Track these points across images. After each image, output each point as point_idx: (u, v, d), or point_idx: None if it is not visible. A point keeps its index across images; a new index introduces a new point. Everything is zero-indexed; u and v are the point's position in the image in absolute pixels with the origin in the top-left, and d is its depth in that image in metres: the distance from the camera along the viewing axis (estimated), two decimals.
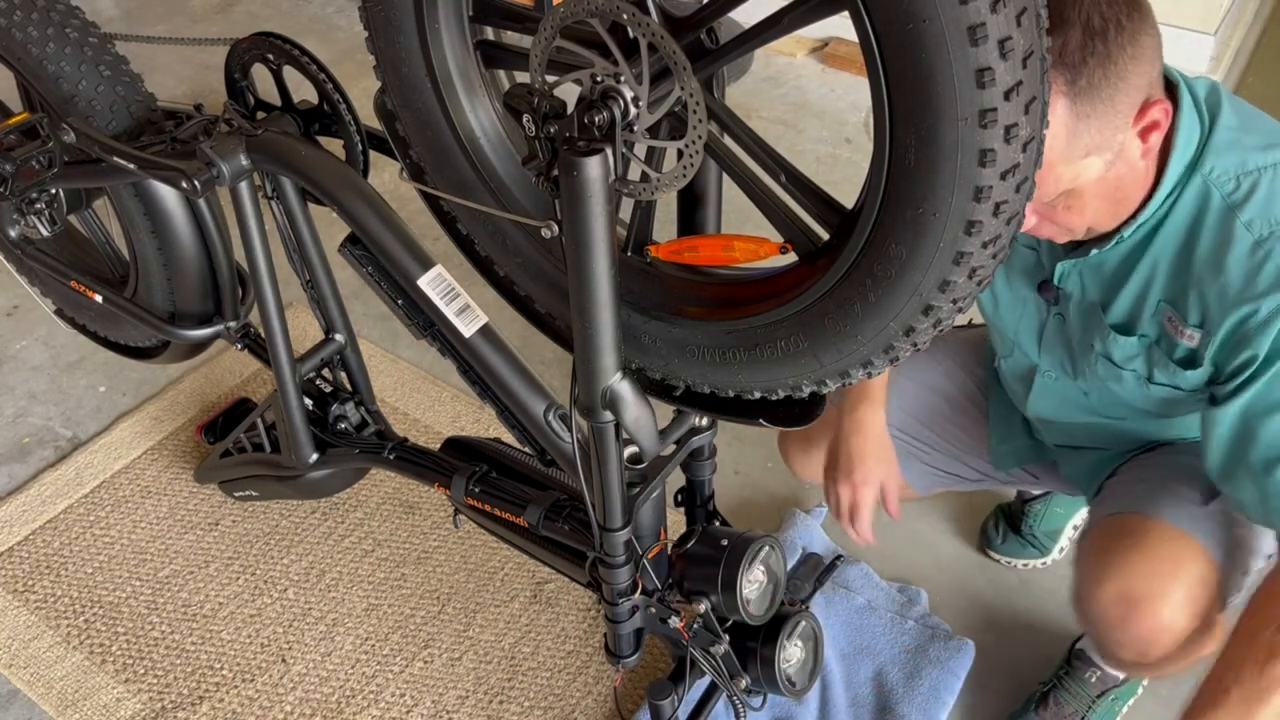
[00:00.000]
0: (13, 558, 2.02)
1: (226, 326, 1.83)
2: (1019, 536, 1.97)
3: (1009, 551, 1.99)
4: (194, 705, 1.80)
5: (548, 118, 1.01)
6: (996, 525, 2.01)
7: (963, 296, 1.00)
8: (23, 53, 1.56)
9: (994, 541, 2.00)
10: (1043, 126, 0.89)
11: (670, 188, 1.10)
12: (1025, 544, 1.97)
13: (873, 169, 0.93)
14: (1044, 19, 0.85)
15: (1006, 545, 1.99)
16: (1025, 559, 1.98)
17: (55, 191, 1.77)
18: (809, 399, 1.19)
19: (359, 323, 2.29)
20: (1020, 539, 1.97)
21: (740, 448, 2.22)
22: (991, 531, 2.01)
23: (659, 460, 1.41)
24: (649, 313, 1.22)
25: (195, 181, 1.37)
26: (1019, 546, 1.98)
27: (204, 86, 3.53)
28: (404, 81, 1.23)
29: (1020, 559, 1.98)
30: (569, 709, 1.78)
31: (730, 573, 1.41)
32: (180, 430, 2.27)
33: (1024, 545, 1.97)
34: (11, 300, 2.64)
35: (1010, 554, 1.99)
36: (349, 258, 1.45)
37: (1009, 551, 1.99)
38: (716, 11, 1.00)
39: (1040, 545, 1.96)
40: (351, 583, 1.98)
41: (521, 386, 1.38)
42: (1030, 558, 1.98)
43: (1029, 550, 1.97)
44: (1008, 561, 1.99)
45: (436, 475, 1.63)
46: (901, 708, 1.73)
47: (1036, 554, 1.97)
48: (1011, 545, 1.98)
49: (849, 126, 3.27)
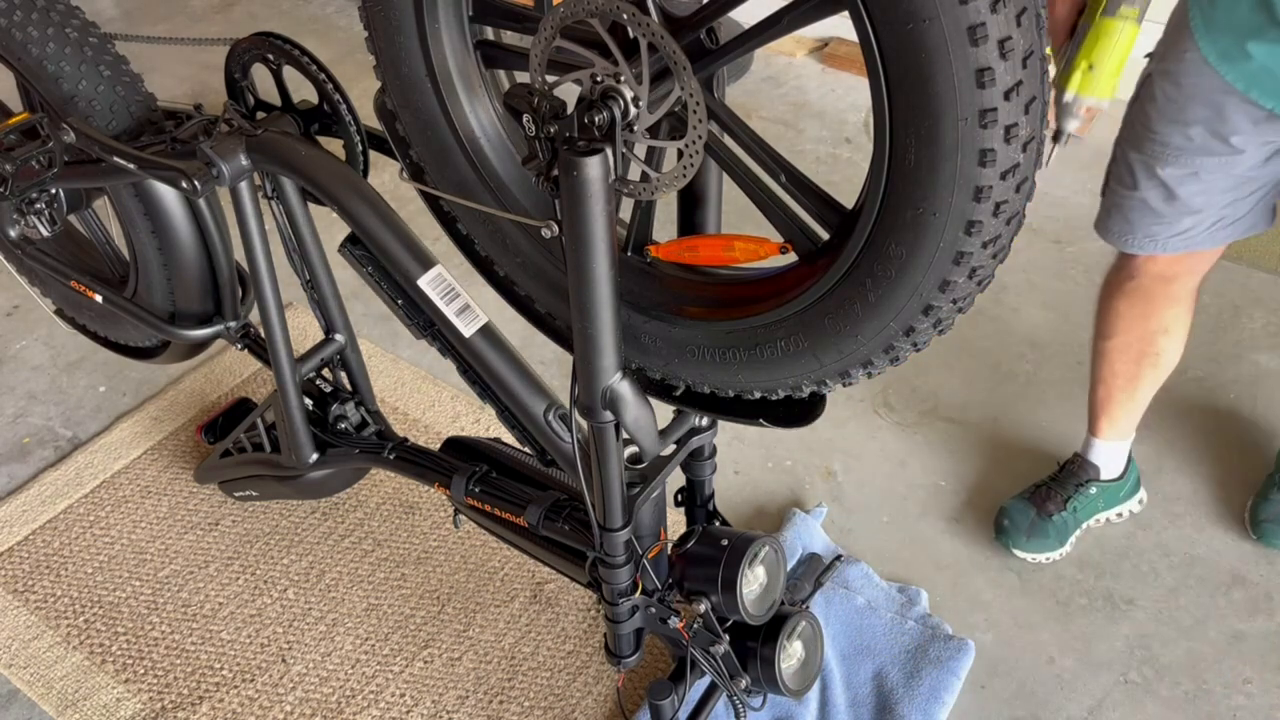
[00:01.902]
0: (13, 558, 2.02)
1: (226, 326, 1.83)
2: (1045, 520, 1.97)
3: (1030, 546, 1.97)
4: (194, 705, 1.80)
5: (548, 118, 1.01)
6: (1017, 515, 1.99)
7: (963, 296, 1.00)
8: (23, 53, 1.56)
9: (1014, 536, 1.98)
10: (1043, 126, 0.89)
11: (670, 188, 1.10)
12: (1048, 534, 1.97)
13: (873, 169, 0.94)
14: (1044, 19, 0.85)
15: (1029, 541, 1.97)
16: (1042, 552, 1.97)
17: (55, 191, 1.77)
18: (809, 399, 1.19)
19: (359, 323, 2.29)
20: (1047, 524, 1.96)
21: (740, 448, 2.22)
22: (1010, 523, 1.99)
23: (659, 460, 1.41)
24: (649, 313, 1.22)
25: (195, 181, 1.37)
26: (1041, 538, 1.97)
27: (204, 86, 3.53)
28: (404, 81, 1.23)
29: (1041, 553, 1.97)
30: (569, 709, 1.78)
31: (730, 573, 1.41)
32: (180, 430, 2.27)
33: (1045, 535, 1.97)
34: (11, 300, 2.64)
35: (1029, 548, 1.97)
36: (349, 258, 1.45)
37: (1030, 546, 1.97)
38: (716, 11, 1.00)
39: (1061, 534, 1.97)
40: (351, 583, 1.98)
41: (521, 386, 1.38)
42: (1047, 550, 1.97)
43: (1049, 543, 1.97)
44: (1022, 555, 1.98)
45: (436, 475, 1.63)
46: (901, 708, 1.73)
47: (1055, 546, 1.97)
48: (1035, 539, 1.97)
49: (849, 126, 3.27)
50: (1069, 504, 1.98)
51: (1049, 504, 1.98)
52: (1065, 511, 1.98)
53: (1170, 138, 1.55)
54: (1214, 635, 1.86)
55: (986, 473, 2.16)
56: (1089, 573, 1.97)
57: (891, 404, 2.33)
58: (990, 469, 2.17)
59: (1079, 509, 1.99)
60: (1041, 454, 2.16)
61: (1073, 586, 1.95)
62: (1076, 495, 1.99)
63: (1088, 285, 2.62)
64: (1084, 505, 1.99)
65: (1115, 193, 1.68)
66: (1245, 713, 1.76)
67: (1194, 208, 1.60)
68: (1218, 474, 2.13)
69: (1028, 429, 2.25)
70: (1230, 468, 2.14)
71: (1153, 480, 2.13)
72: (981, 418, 2.28)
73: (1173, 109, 1.53)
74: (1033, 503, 2.00)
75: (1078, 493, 1.99)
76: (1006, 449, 2.21)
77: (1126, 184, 1.65)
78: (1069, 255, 2.72)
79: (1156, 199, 1.61)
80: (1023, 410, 2.30)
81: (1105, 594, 1.93)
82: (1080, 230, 2.80)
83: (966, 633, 1.86)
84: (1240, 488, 2.09)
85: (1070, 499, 1.98)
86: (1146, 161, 1.60)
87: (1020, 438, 2.23)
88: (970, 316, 2.46)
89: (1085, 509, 2.00)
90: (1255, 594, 1.93)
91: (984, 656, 1.84)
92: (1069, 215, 2.85)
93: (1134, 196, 1.64)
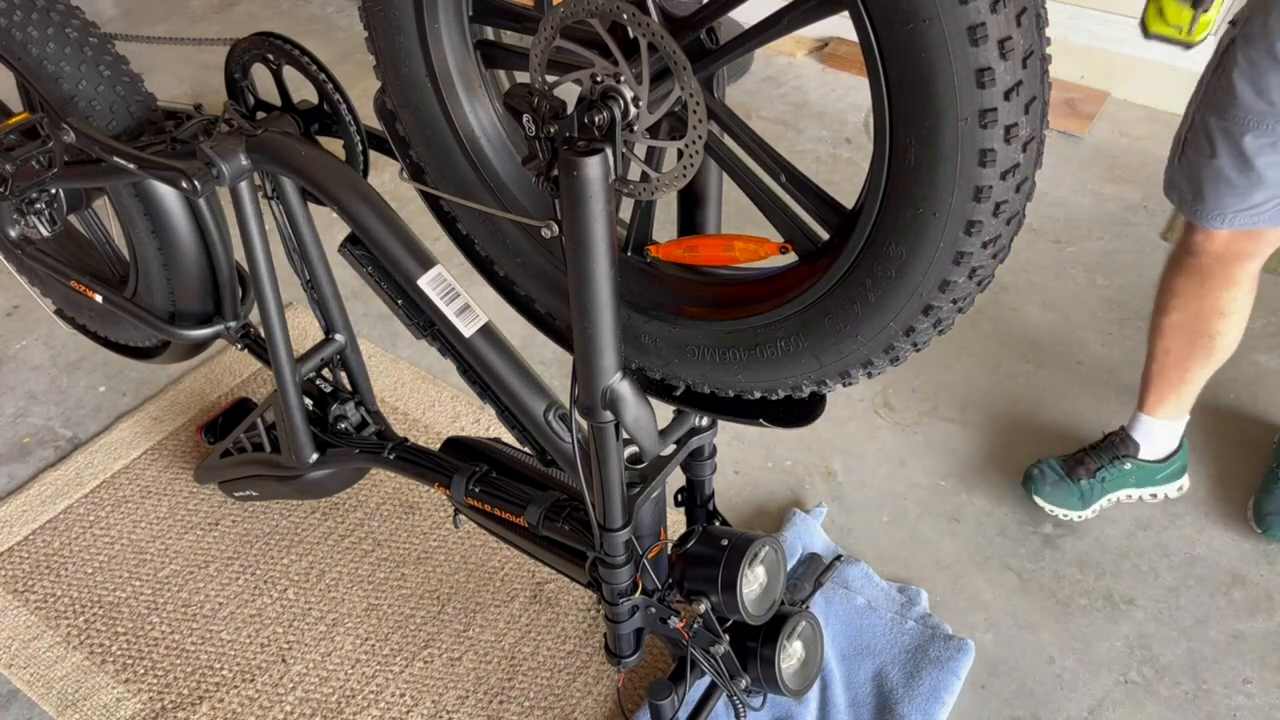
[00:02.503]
0: (13, 558, 2.02)
1: (226, 326, 1.83)
2: (1073, 483, 2.00)
3: (1052, 497, 2.01)
4: (194, 705, 1.80)
5: (548, 118, 1.01)
6: (1048, 469, 2.03)
7: (963, 296, 1.00)
8: (23, 53, 1.56)
9: (1039, 484, 2.03)
10: (1043, 126, 0.89)
11: (670, 188, 1.10)
12: (1072, 493, 2.00)
13: (873, 169, 0.94)
14: (1044, 18, 0.85)
15: (1053, 491, 2.01)
16: (1065, 508, 2.01)
17: (55, 191, 1.77)
18: (809, 399, 1.19)
19: (359, 323, 2.29)
20: (1072, 486, 2.00)
21: (740, 448, 2.22)
22: (1040, 473, 2.04)
23: (659, 460, 1.41)
24: (649, 313, 1.22)
25: (195, 181, 1.37)
26: (1065, 494, 2.01)
27: (204, 86, 3.53)
28: (404, 81, 1.23)
29: (1061, 507, 2.01)
30: (569, 709, 1.78)
31: (730, 573, 1.41)
32: (180, 430, 2.27)
33: (1070, 494, 2.01)
34: (11, 300, 2.64)
35: (1053, 500, 2.01)
36: (349, 258, 1.45)
37: (1052, 497, 2.01)
38: (716, 11, 1.00)
39: (1085, 498, 2.00)
40: (351, 583, 1.98)
41: (521, 386, 1.38)
42: (1071, 508, 2.01)
43: (1072, 500, 2.01)
44: (1041, 504, 2.02)
45: (436, 475, 1.63)
46: (901, 708, 1.73)
47: (1078, 506, 2.01)
48: (1059, 491, 2.01)
49: (849, 126, 3.27)
50: (1099, 473, 2.00)
51: (1079, 469, 2.01)
52: (1094, 479, 2.00)
53: (1253, 104, 1.55)
54: (1214, 635, 1.86)
55: (986, 473, 2.16)
56: (1089, 573, 1.97)
57: (891, 404, 2.33)
58: (990, 469, 2.17)
59: (1107, 479, 2.01)
60: (1042, 453, 2.15)
61: (1073, 586, 1.95)
62: (1109, 466, 2.01)
63: (1088, 285, 2.62)
64: (1113, 478, 2.01)
65: (1189, 160, 1.67)
66: (1245, 713, 1.76)
67: (1268, 181, 1.60)
68: (1218, 474, 2.13)
69: (1028, 429, 2.25)
70: (1230, 468, 2.14)
71: None
72: (981, 418, 2.28)
73: (1255, 74, 1.54)
74: (1065, 464, 2.03)
75: (1111, 465, 2.01)
76: (1006, 449, 2.21)
77: (1205, 151, 1.63)
78: (1069, 255, 2.72)
79: (1231, 168, 1.61)
80: (1023, 410, 2.30)
81: (1105, 594, 1.93)
82: (1080, 230, 2.80)
83: (966, 633, 1.86)
84: (1240, 488, 2.09)
85: (1101, 469, 2.01)
86: (1227, 128, 1.59)
87: (1021, 438, 2.23)
88: (970, 316, 2.46)
89: (1114, 481, 2.02)
90: (1255, 594, 1.93)
91: (984, 656, 1.84)
92: (1069, 215, 2.85)
93: (1211, 164, 1.63)
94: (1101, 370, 2.39)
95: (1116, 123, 3.23)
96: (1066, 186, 2.95)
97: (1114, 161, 3.07)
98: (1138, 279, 2.63)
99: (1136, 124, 3.21)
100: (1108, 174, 3.02)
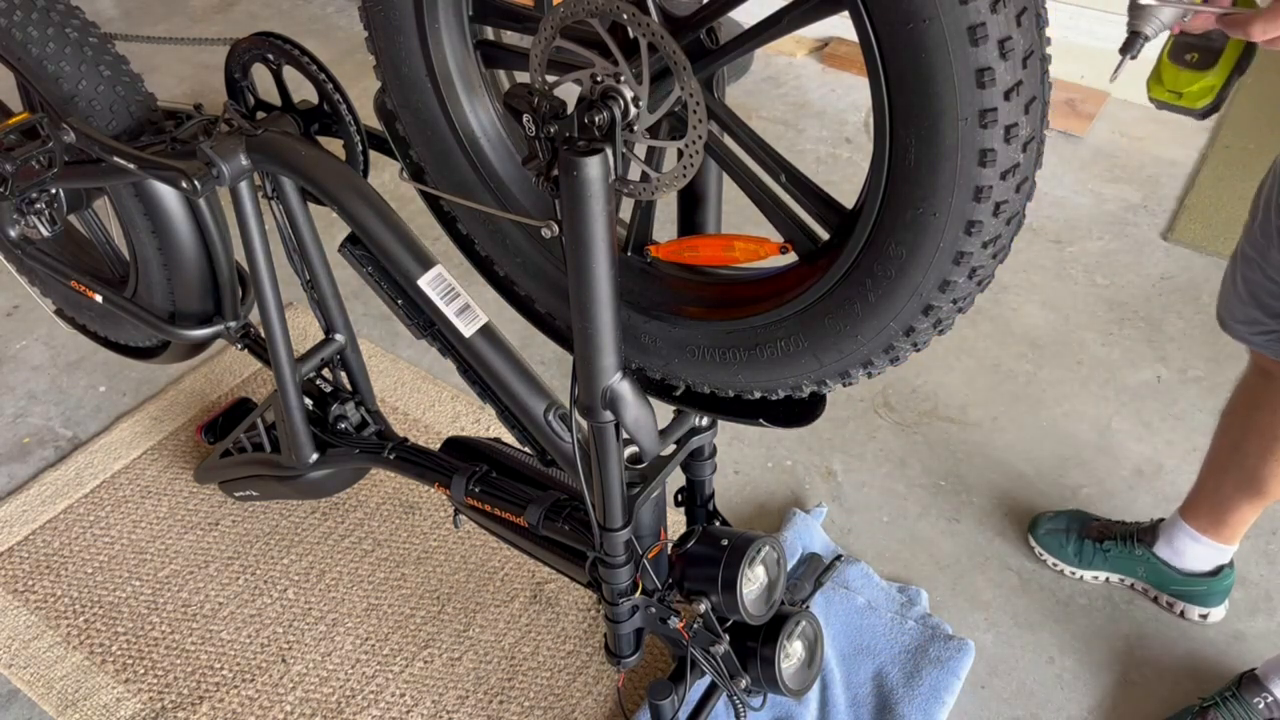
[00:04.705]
0: (13, 558, 2.02)
1: (226, 326, 1.83)
2: (1077, 539, 1.92)
3: (1042, 540, 1.95)
4: (194, 705, 1.80)
5: (548, 118, 1.01)
6: (1061, 517, 1.97)
7: (963, 296, 1.00)
8: (23, 53, 1.56)
9: (1040, 521, 1.97)
10: (1043, 126, 0.89)
11: (670, 188, 1.10)
12: (1066, 546, 1.92)
13: (873, 169, 0.94)
14: (1044, 18, 0.85)
15: (1046, 536, 1.95)
16: (1051, 554, 1.94)
17: (55, 191, 1.77)
18: (809, 399, 1.19)
19: (359, 323, 2.29)
20: (1073, 543, 1.92)
21: (740, 448, 2.23)
22: (1047, 516, 1.97)
23: (659, 460, 1.41)
24: (649, 313, 1.22)
25: (195, 181, 1.37)
26: (1057, 544, 1.93)
27: (204, 86, 3.53)
28: (404, 81, 1.23)
29: (1045, 550, 1.95)
30: (569, 709, 1.78)
31: (730, 573, 1.41)
32: (180, 430, 2.27)
33: (1062, 548, 1.93)
34: (11, 300, 2.64)
35: (1042, 542, 1.95)
36: (349, 258, 1.45)
37: (1042, 540, 1.95)
38: (716, 11, 1.00)
39: (1079, 559, 1.92)
40: (351, 583, 1.98)
41: (521, 386, 1.38)
42: (1057, 557, 1.94)
43: (1064, 553, 1.93)
44: (1032, 543, 1.97)
45: (436, 475, 1.63)
46: (901, 708, 1.73)
47: (1067, 560, 1.93)
48: (1054, 539, 1.94)
49: (849, 126, 3.27)
50: (1105, 543, 1.90)
51: (1088, 529, 1.93)
52: (1098, 545, 1.90)
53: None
54: (1214, 635, 1.86)
55: (986, 472, 2.16)
56: None
57: (891, 404, 2.33)
58: (990, 469, 2.17)
59: (1110, 554, 1.89)
60: (1041, 454, 2.16)
61: (1073, 586, 1.94)
62: (1119, 542, 1.87)
63: (1088, 285, 2.62)
64: (1118, 557, 1.89)
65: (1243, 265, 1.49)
66: None
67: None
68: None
69: (1028, 429, 2.25)
70: None
71: (1152, 480, 2.13)
72: (981, 418, 2.29)
73: None
74: (1079, 519, 1.96)
75: (1122, 542, 1.87)
76: (1006, 449, 2.21)
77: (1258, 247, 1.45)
78: (1069, 255, 2.72)
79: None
80: (1022, 410, 2.30)
81: (1105, 594, 1.93)
82: (1080, 230, 2.80)
83: (966, 633, 1.86)
84: None
85: (1110, 539, 1.90)
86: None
87: (1021, 437, 2.23)
88: (970, 316, 2.46)
89: (1117, 561, 1.89)
90: (1255, 594, 1.93)
91: (984, 656, 1.84)
92: (1069, 215, 2.85)
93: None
94: (1101, 370, 2.39)
95: (1116, 123, 3.23)
96: (1066, 186, 2.95)
97: (1114, 161, 3.07)
98: (1138, 279, 2.63)
99: (1136, 124, 3.21)
100: (1108, 174, 3.02)
